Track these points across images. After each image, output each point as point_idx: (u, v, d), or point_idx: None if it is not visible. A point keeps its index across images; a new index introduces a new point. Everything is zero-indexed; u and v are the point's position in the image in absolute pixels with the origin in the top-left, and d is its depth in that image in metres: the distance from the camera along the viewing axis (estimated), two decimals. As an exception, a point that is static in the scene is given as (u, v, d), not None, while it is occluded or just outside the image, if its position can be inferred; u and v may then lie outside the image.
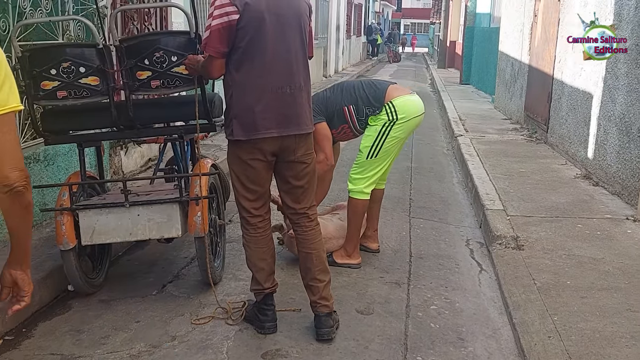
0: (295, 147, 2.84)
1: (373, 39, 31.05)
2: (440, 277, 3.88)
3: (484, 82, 14.13)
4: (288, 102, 2.77)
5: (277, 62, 2.73)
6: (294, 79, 2.77)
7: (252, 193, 2.90)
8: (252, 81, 2.74)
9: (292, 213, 3.00)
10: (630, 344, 2.85)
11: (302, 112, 2.81)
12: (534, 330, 3.05)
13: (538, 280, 3.60)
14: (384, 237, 4.50)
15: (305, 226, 2.98)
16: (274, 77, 2.74)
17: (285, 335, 3.01)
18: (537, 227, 4.48)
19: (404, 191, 5.90)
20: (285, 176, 2.93)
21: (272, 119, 2.75)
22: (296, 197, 2.96)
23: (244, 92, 2.75)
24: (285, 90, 2.75)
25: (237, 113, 2.78)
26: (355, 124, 3.83)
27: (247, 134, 2.76)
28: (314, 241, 2.97)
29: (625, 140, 5.11)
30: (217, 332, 3.03)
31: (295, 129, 2.80)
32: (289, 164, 2.88)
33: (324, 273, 2.97)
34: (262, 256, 2.97)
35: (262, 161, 2.82)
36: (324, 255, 3.00)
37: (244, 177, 2.87)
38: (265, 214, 2.98)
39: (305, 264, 2.99)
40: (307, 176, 2.93)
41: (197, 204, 3.23)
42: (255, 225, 2.94)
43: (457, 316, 3.36)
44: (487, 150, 7.28)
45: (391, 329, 3.15)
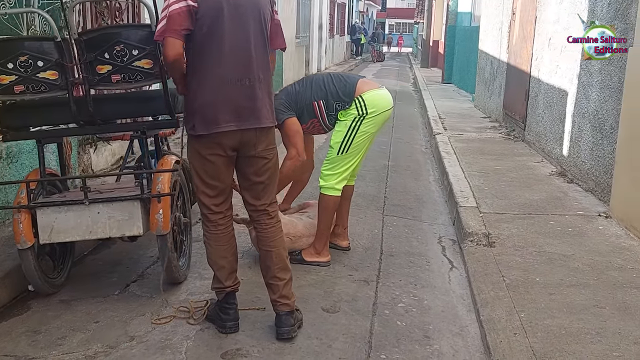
0: (256, 141, 2.78)
1: (357, 38, 31.02)
2: (410, 274, 3.84)
3: (465, 81, 14.15)
4: (247, 94, 2.71)
5: (235, 54, 2.67)
6: (253, 71, 2.72)
7: (212, 189, 2.84)
8: (210, 74, 2.68)
9: (252, 210, 2.95)
10: (595, 340, 2.83)
11: (261, 105, 2.76)
12: (501, 327, 3.02)
13: (507, 277, 3.58)
14: (356, 234, 4.46)
15: (265, 223, 2.92)
16: (232, 70, 2.68)
17: (248, 334, 2.95)
18: (509, 224, 4.46)
19: (379, 189, 5.86)
20: (245, 172, 2.87)
21: (232, 112, 2.69)
22: (256, 194, 2.90)
23: (203, 85, 2.69)
24: (244, 82, 2.69)
25: (197, 107, 2.72)
26: (325, 119, 3.78)
27: (207, 128, 2.70)
28: (274, 239, 2.91)
29: (599, 137, 5.11)
30: (177, 332, 2.97)
31: (254, 122, 2.74)
32: (250, 160, 2.82)
33: (284, 271, 2.92)
34: (223, 254, 2.91)
35: (221, 156, 2.76)
36: (284, 253, 2.95)
37: (204, 173, 2.81)
38: (227, 211, 2.92)
39: (265, 261, 2.93)
40: (268, 172, 2.87)
41: (159, 201, 3.16)
42: (215, 222, 2.88)
43: (424, 314, 3.32)
44: (464, 148, 7.26)
45: (356, 327, 3.10)
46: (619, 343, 2.79)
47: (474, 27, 13.10)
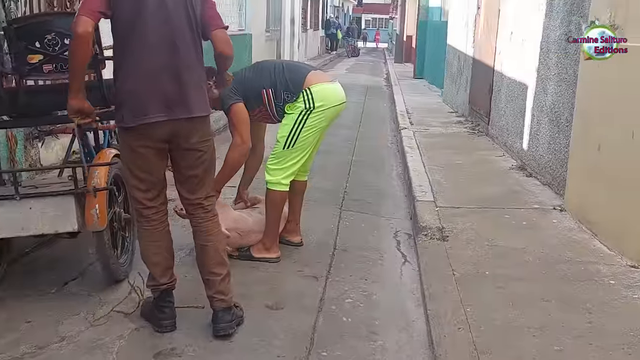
0: (188, 133, 2.68)
1: (332, 33, 30.94)
2: (362, 269, 3.78)
3: (436, 76, 14.14)
4: (175, 84, 2.61)
5: (161, 41, 2.57)
6: (182, 59, 2.61)
7: (143, 183, 2.74)
8: (136, 64, 2.58)
9: (187, 204, 2.85)
10: (537, 334, 2.80)
11: (192, 94, 2.65)
12: (446, 321, 2.98)
13: (457, 271, 3.54)
14: (310, 230, 4.38)
15: (200, 217, 2.83)
16: (158, 58, 2.58)
17: (185, 333, 2.86)
18: (464, 218, 4.42)
19: (339, 184, 5.80)
20: (179, 165, 2.77)
21: (160, 102, 2.59)
22: (191, 188, 2.80)
23: (129, 75, 2.59)
24: (172, 71, 2.59)
25: (124, 98, 2.62)
26: (273, 108, 3.68)
27: (135, 119, 2.60)
28: (210, 233, 2.82)
29: (555, 131, 5.10)
30: (111, 331, 2.86)
31: (184, 112, 2.64)
32: (182, 152, 2.73)
33: (220, 266, 2.83)
34: (156, 250, 2.81)
35: (151, 148, 2.66)
36: (221, 247, 2.86)
37: (134, 166, 2.71)
38: (160, 206, 2.82)
39: (201, 256, 2.85)
40: (203, 165, 2.78)
41: (95, 196, 3.04)
42: (148, 218, 2.79)
43: (372, 309, 3.26)
44: (428, 143, 7.24)
45: (300, 324, 3.03)
46: (561, 337, 2.76)
47: (444, 22, 13.09)
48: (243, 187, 4.14)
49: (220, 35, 2.74)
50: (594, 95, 4.12)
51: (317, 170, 6.13)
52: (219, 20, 2.77)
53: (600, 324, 2.88)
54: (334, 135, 8.11)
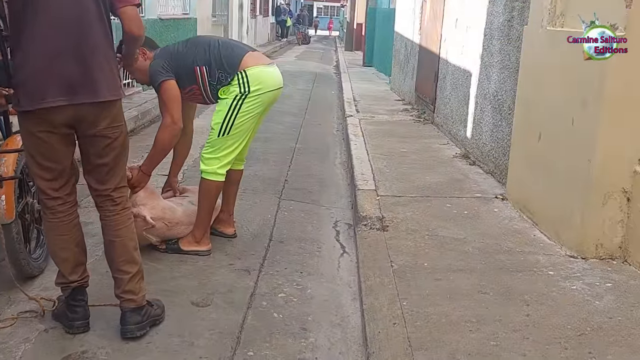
0: (94, 118, 2.44)
1: (282, 20, 30.57)
2: (298, 261, 3.62)
3: (385, 64, 14.08)
4: (79, 66, 2.37)
5: (63, 18, 2.33)
6: (87, 39, 2.37)
7: (47, 171, 2.49)
8: (35, 43, 2.33)
9: (95, 195, 2.62)
10: (474, 328, 2.69)
11: (99, 77, 2.42)
12: (381, 316, 2.85)
13: (396, 262, 3.41)
14: (246, 221, 4.19)
15: (109, 210, 2.60)
16: (58, 39, 2.33)
17: (99, 334, 2.63)
18: (405, 207, 4.31)
19: (280, 172, 5.61)
20: (87, 153, 2.54)
21: (61, 85, 2.35)
22: (100, 177, 2.57)
23: (27, 55, 2.35)
24: (76, 51, 2.35)
25: (22, 79, 2.37)
26: (207, 87, 3.45)
27: (32, 103, 2.35)
28: (119, 227, 2.60)
29: (498, 118, 5.05)
30: (17, 333, 2.61)
31: (89, 96, 2.40)
32: (90, 139, 2.49)
33: (129, 264, 2.61)
34: (65, 245, 2.58)
35: (53, 134, 2.42)
36: (131, 244, 2.64)
37: (37, 153, 2.46)
38: (67, 196, 2.58)
39: (108, 252, 2.63)
40: (113, 153, 2.54)
41: (1, 186, 2.77)
42: (53, 209, 2.54)
43: (305, 304, 3.10)
44: (373, 131, 7.12)
45: (227, 321, 2.84)
46: (498, 331, 2.66)
47: (392, 10, 13.00)
48: (174, 174, 3.91)
49: (130, 12, 2.48)
50: (535, 82, 4.06)
51: (258, 157, 5.96)
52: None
53: (538, 316, 2.79)
54: (279, 122, 7.96)
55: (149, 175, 3.48)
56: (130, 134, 6.56)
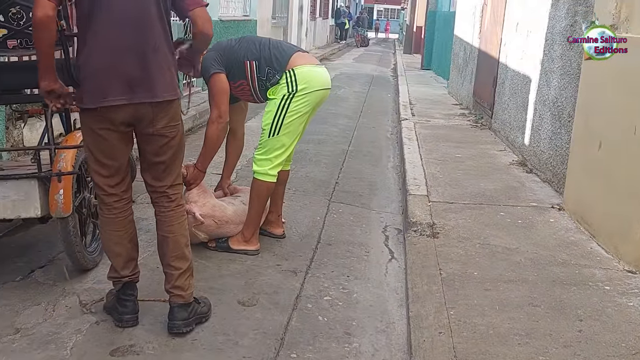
0: (153, 117, 2.50)
1: (341, 22, 30.59)
2: (345, 265, 3.61)
3: (443, 68, 13.88)
4: (140, 65, 2.43)
5: (126, 19, 2.39)
6: (148, 39, 2.43)
7: (105, 168, 2.57)
8: (98, 41, 2.40)
9: (151, 191, 2.68)
10: (523, 342, 2.61)
11: (158, 77, 2.47)
12: (427, 324, 2.80)
13: (445, 270, 3.35)
14: (295, 222, 4.20)
15: (164, 206, 2.66)
16: (123, 36, 2.40)
17: (147, 329, 2.69)
18: (457, 214, 4.23)
19: (331, 175, 5.61)
20: (144, 151, 2.60)
21: (122, 84, 2.42)
22: (157, 175, 2.63)
23: (91, 53, 2.42)
24: (137, 51, 2.42)
25: (84, 77, 2.45)
26: (255, 83, 3.49)
27: (94, 100, 2.43)
28: (173, 224, 2.65)
29: (557, 126, 4.89)
30: (69, 325, 2.70)
31: (148, 96, 2.46)
32: (148, 137, 2.55)
33: (180, 260, 2.66)
34: (119, 240, 2.64)
35: (113, 131, 2.49)
36: (183, 240, 2.69)
37: (96, 150, 2.53)
38: (123, 193, 2.64)
39: (161, 248, 2.68)
40: (170, 151, 2.60)
41: (59, 181, 2.88)
42: (110, 205, 2.61)
43: (350, 308, 3.09)
44: (428, 135, 7.03)
45: (271, 322, 2.86)
46: (548, 346, 2.57)
47: (452, 13, 12.82)
48: (226, 176, 3.98)
49: (201, 13, 2.54)
50: (597, 90, 3.91)
51: (310, 159, 5.98)
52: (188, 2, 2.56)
53: (591, 333, 2.69)
54: (332, 124, 7.97)
55: (204, 172, 3.58)
56: (188, 132, 6.71)
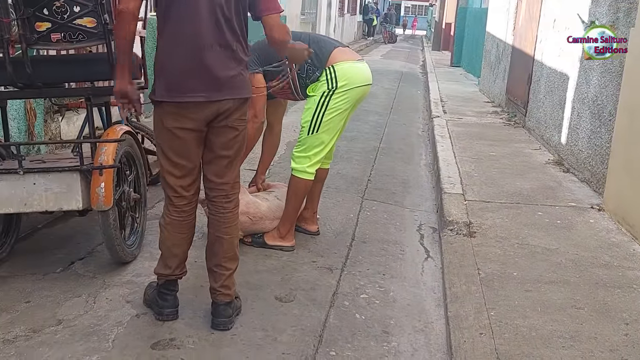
0: (230, 113, 2.49)
1: (369, 18, 30.45)
2: (381, 263, 3.57)
3: (474, 65, 13.74)
4: (219, 62, 2.41)
5: (206, 17, 2.37)
6: (225, 37, 2.41)
7: (179, 169, 2.53)
8: (178, 37, 2.39)
9: (210, 188, 2.63)
10: (567, 344, 2.56)
11: (235, 75, 2.46)
12: (467, 325, 2.76)
13: (483, 270, 3.30)
14: (329, 219, 4.18)
15: (222, 207, 2.62)
16: (203, 35, 2.38)
17: (186, 322, 2.70)
18: (494, 214, 4.17)
19: (364, 172, 5.57)
20: (212, 143, 2.55)
21: (201, 80, 2.40)
22: (219, 170, 2.59)
23: (170, 48, 2.41)
24: (215, 48, 2.39)
25: (161, 70, 2.43)
26: (295, 80, 3.46)
27: (170, 94, 2.41)
28: (229, 225, 2.63)
29: (597, 124, 4.79)
30: (110, 317, 2.72)
31: (227, 93, 2.44)
32: (219, 129, 2.52)
33: (232, 261, 2.65)
34: (179, 242, 2.63)
35: (192, 131, 2.46)
36: (236, 241, 2.67)
37: (170, 150, 2.50)
38: (192, 197, 2.61)
39: (213, 247, 2.65)
40: (236, 146, 2.58)
41: (101, 174, 2.90)
42: (179, 208, 2.58)
43: (388, 307, 3.06)
44: (460, 133, 6.95)
45: (309, 318, 2.84)
46: (593, 349, 2.52)
47: (484, 9, 12.66)
48: (261, 172, 3.96)
49: (271, 22, 2.53)
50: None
51: (342, 156, 5.95)
52: (274, 2, 2.55)
53: (637, 337, 2.62)
54: (364, 121, 7.93)
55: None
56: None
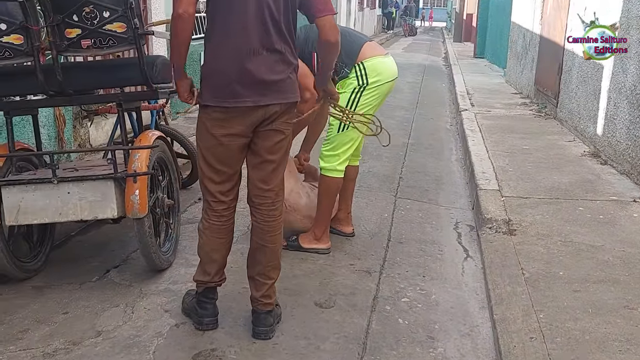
0: (277, 117, 2.42)
1: (389, 12, 30.23)
2: (419, 264, 3.48)
3: (498, 56, 13.53)
4: (266, 66, 2.34)
5: (251, 19, 2.30)
6: (273, 40, 2.34)
7: (219, 175, 2.47)
8: (224, 40, 2.32)
9: (255, 194, 2.55)
10: (624, 348, 2.44)
11: (283, 78, 2.39)
12: (515, 329, 2.66)
13: (527, 270, 3.20)
14: (363, 219, 4.10)
15: (267, 214, 2.54)
16: (249, 37, 2.31)
17: (227, 331, 2.64)
18: (533, 210, 4.05)
19: (394, 169, 5.47)
20: (258, 147, 2.47)
21: (248, 85, 2.33)
22: (265, 175, 2.51)
23: (217, 50, 2.34)
24: (262, 52, 2.32)
25: (209, 73, 2.36)
26: None
27: (217, 99, 2.34)
28: (275, 234, 2.55)
29: (636, 115, 4.62)
30: (149, 327, 2.66)
31: (274, 97, 2.37)
32: (265, 133, 2.44)
33: (275, 270, 2.59)
34: (218, 247, 2.56)
35: (237, 137, 2.40)
36: (279, 249, 2.60)
37: (211, 156, 2.44)
38: (231, 202, 2.55)
39: (255, 255, 2.58)
40: (282, 150, 2.51)
41: (135, 181, 2.85)
42: (218, 213, 2.52)
43: (431, 310, 2.97)
44: (491, 126, 6.81)
45: (351, 325, 2.76)
46: (652, 354, 2.40)
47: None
48: (304, 150, 3.82)
49: (326, 24, 2.46)
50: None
51: (371, 153, 5.86)
52: (328, 4, 2.47)
53: (697, 339, 2.50)
54: (390, 117, 7.80)
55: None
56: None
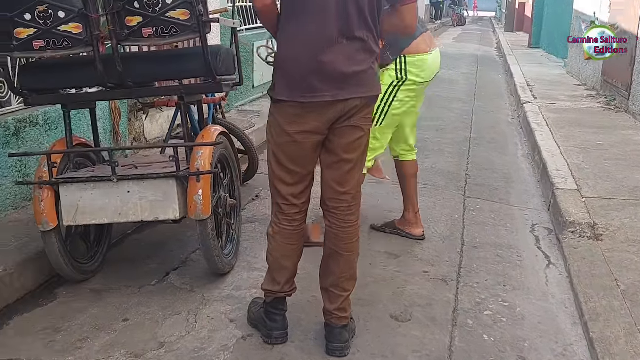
0: (357, 111, 2.19)
1: (437, 1, 29.55)
2: (498, 272, 3.20)
3: (555, 46, 12.97)
4: (346, 57, 2.10)
5: (332, 5, 2.07)
6: (354, 28, 2.10)
7: (292, 175, 2.27)
8: (301, 29, 2.10)
9: (330, 197, 2.32)
10: None
11: (364, 69, 2.15)
12: (618, 350, 2.38)
13: (622, 281, 2.88)
14: (432, 220, 3.83)
15: (343, 220, 2.31)
16: (328, 25, 2.07)
17: (297, 346, 2.42)
18: (620, 213, 3.70)
19: (459, 165, 5.17)
20: (334, 145, 2.24)
21: (326, 78, 2.10)
22: (341, 176, 2.27)
23: (293, 41, 2.13)
24: (342, 41, 2.09)
25: (283, 66, 2.15)
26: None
27: (292, 93, 2.12)
28: (351, 241, 2.32)
29: None
30: (215, 339, 2.47)
31: (354, 91, 2.14)
32: (342, 130, 2.21)
33: (350, 281, 2.35)
34: (289, 253, 2.36)
35: (313, 134, 2.18)
36: (356, 259, 2.36)
37: (283, 155, 2.23)
38: (303, 205, 2.33)
39: (329, 264, 2.36)
40: (360, 149, 2.27)
41: (198, 180, 2.65)
42: (289, 217, 2.31)
43: (517, 325, 2.69)
44: (557, 120, 6.41)
45: (432, 341, 2.51)
46: None
47: (568, -14, 11.86)
48: None
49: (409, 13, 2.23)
50: None
51: (432, 149, 5.58)
52: None
53: None
54: (448, 109, 7.50)
55: None
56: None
